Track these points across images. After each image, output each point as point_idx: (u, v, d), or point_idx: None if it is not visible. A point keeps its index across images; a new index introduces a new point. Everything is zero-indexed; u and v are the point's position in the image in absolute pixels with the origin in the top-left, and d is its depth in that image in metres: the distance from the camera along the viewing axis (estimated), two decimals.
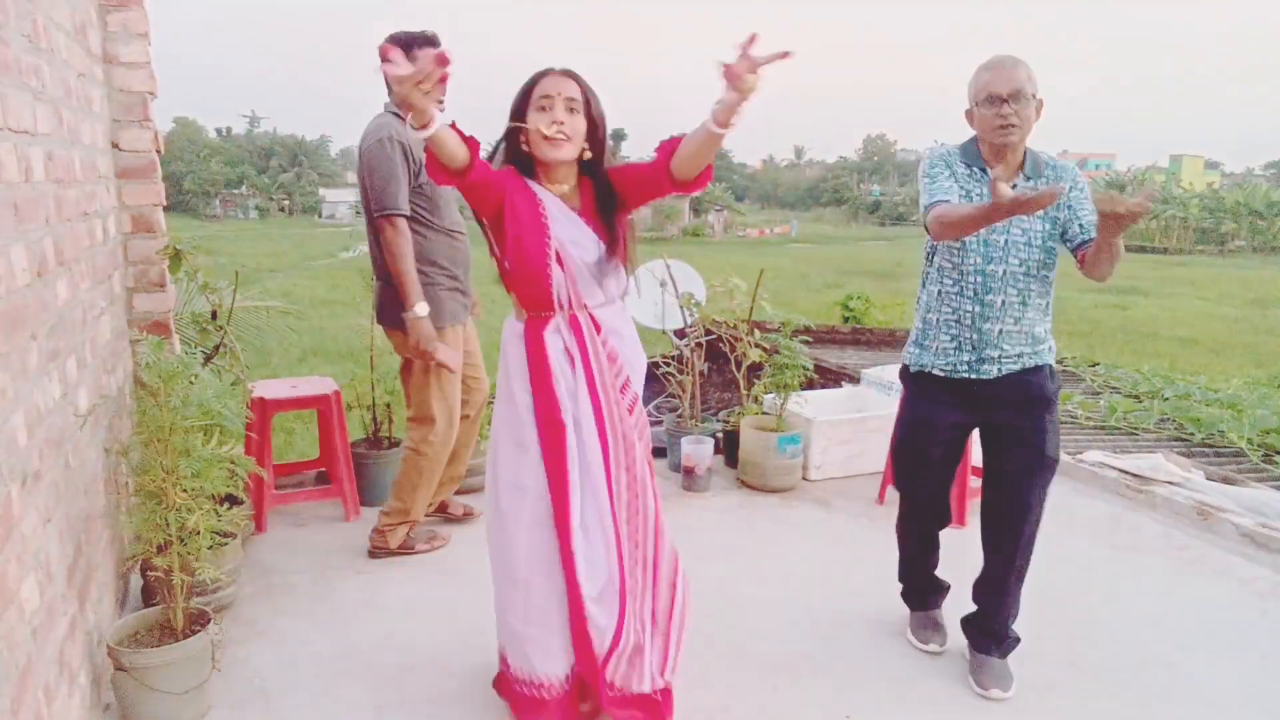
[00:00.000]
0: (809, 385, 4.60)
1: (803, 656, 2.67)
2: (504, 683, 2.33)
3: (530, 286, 2.17)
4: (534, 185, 2.16)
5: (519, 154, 2.17)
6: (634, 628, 2.20)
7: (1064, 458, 4.47)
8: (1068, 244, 2.45)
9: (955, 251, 2.44)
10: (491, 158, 2.21)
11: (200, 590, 2.52)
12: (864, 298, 11.29)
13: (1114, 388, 7.05)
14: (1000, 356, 2.44)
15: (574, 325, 2.19)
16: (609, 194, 2.22)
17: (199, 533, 2.32)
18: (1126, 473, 4.22)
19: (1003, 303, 2.41)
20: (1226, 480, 4.32)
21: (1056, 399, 2.51)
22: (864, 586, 3.15)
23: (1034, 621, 2.90)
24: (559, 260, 2.14)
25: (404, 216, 2.96)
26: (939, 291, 2.50)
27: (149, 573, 2.55)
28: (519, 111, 2.13)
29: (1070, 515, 3.89)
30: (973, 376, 2.46)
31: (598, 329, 2.22)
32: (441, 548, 3.34)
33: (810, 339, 4.66)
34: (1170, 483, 4.09)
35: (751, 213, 63.39)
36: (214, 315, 3.64)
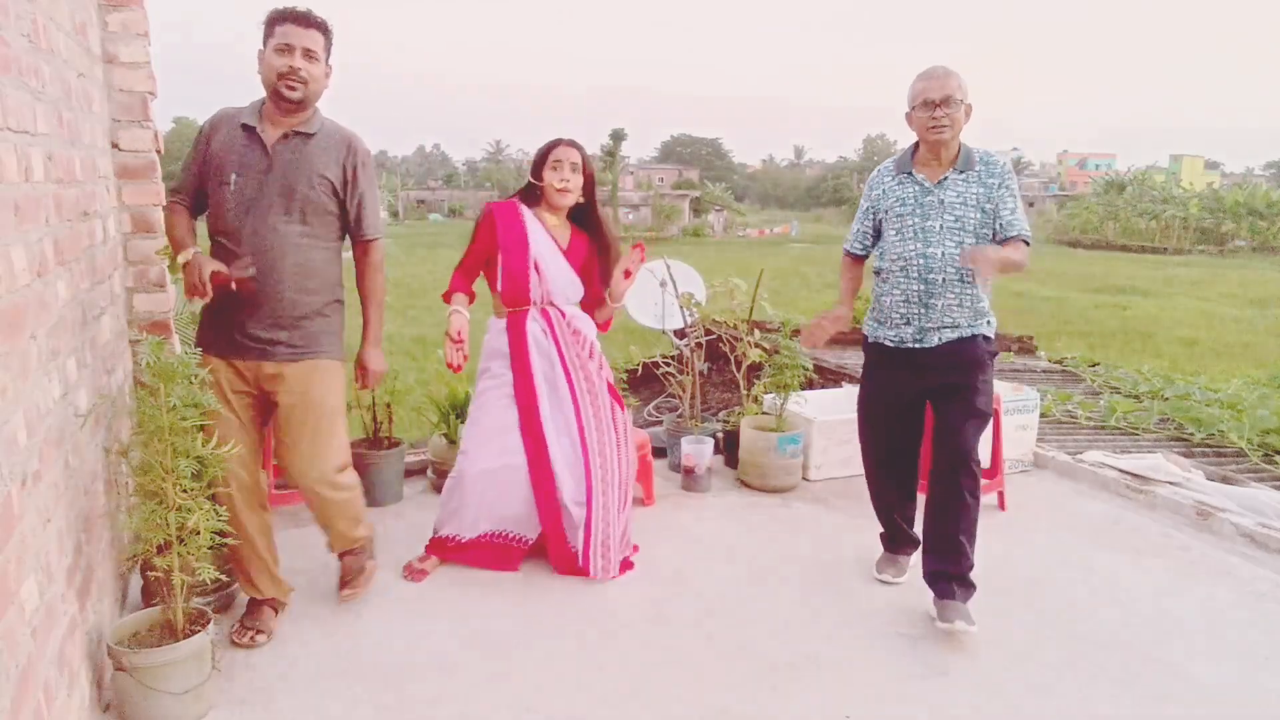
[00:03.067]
0: (809, 385, 4.60)
1: (803, 656, 2.67)
2: (451, 552, 3.20)
3: (513, 287, 3.14)
4: (526, 215, 3.17)
5: (533, 196, 3.20)
6: (600, 528, 3.11)
7: (1064, 458, 4.48)
8: (993, 237, 2.83)
9: (896, 241, 2.90)
10: (516, 193, 3.28)
11: (200, 590, 2.52)
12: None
13: (1114, 388, 7.05)
14: (940, 327, 2.85)
15: (545, 316, 3.18)
16: (592, 235, 3.28)
17: (199, 533, 2.31)
18: (1126, 473, 4.22)
19: (943, 280, 2.81)
20: (1226, 480, 4.32)
21: (990, 362, 2.91)
22: (864, 586, 3.15)
23: (1034, 621, 2.91)
24: (536, 269, 3.13)
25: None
26: (892, 278, 2.92)
27: (149, 573, 2.54)
28: (537, 168, 3.16)
29: (1070, 515, 3.89)
30: (917, 346, 2.90)
31: (563, 316, 3.21)
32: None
33: None
34: (1170, 483, 4.09)
35: (751, 213, 63.33)
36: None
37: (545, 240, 3.16)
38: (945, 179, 2.82)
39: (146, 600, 2.66)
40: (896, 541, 3.25)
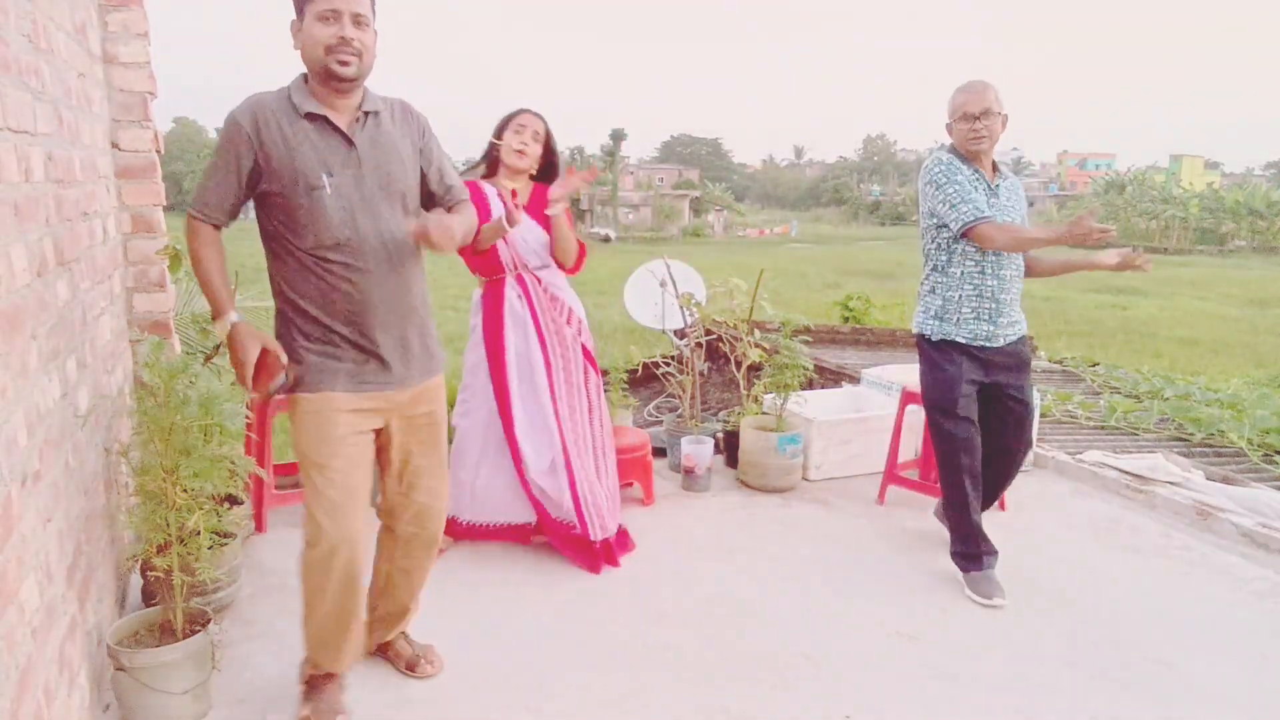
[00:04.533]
0: (809, 385, 4.60)
1: (803, 656, 2.67)
2: (463, 535, 3.33)
3: (484, 258, 3.18)
4: (485, 187, 3.19)
5: (492, 160, 3.25)
6: (585, 490, 3.22)
7: (1064, 458, 4.48)
8: None
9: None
10: (474, 167, 3.33)
11: (200, 590, 2.52)
12: (864, 298, 11.26)
13: (1114, 388, 7.04)
14: (1007, 323, 3.03)
15: (520, 282, 3.25)
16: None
17: (199, 533, 2.32)
18: (1126, 473, 4.22)
19: (1010, 275, 2.99)
20: (1226, 480, 4.32)
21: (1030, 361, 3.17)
22: (864, 586, 3.15)
23: (1034, 621, 2.91)
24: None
25: None
26: (961, 272, 3.01)
27: (149, 573, 2.54)
28: (499, 130, 3.20)
29: (1070, 515, 3.89)
30: (987, 345, 3.03)
31: (539, 281, 3.27)
32: None
33: (810, 339, 4.67)
34: (1170, 483, 4.09)
35: (751, 213, 63.32)
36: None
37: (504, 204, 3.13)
38: (998, 183, 3.03)
39: (146, 600, 2.66)
40: (983, 550, 3.11)
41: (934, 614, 2.94)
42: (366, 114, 2.13)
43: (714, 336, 4.73)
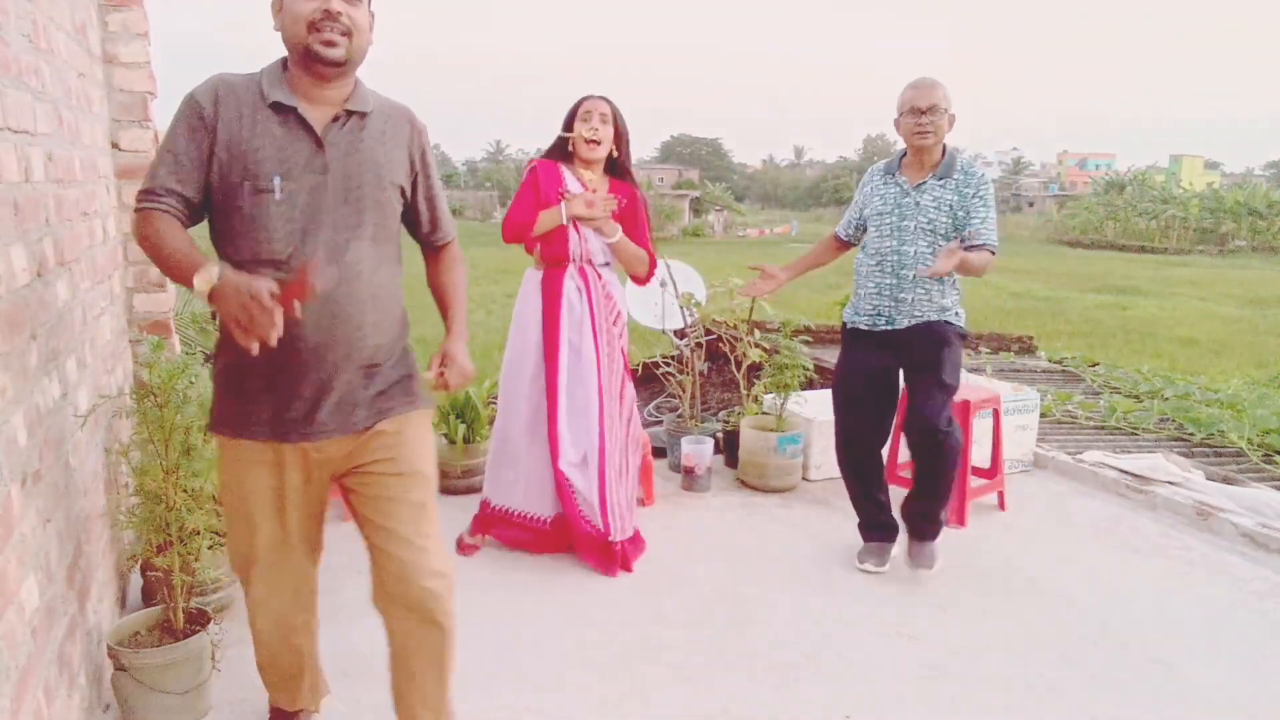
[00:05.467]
0: (809, 385, 4.59)
1: (803, 656, 2.67)
2: (493, 523, 3.34)
3: (552, 244, 3.16)
4: (565, 171, 3.18)
5: (564, 153, 3.19)
6: (612, 489, 3.19)
7: (1064, 458, 4.48)
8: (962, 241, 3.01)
9: (875, 237, 3.12)
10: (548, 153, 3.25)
11: (200, 590, 2.52)
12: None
13: (1114, 388, 7.04)
14: (909, 316, 3.07)
15: (582, 274, 3.22)
16: (627, 189, 3.22)
17: (199, 533, 2.31)
18: (1126, 473, 4.22)
19: (913, 276, 3.03)
20: (1226, 480, 4.32)
21: (956, 341, 3.10)
22: (864, 586, 3.15)
23: (1034, 621, 2.91)
24: (575, 226, 3.14)
25: None
26: (868, 270, 3.14)
27: (149, 573, 2.55)
28: (568, 122, 3.17)
29: (1070, 515, 3.89)
30: (889, 328, 3.11)
31: (600, 278, 3.24)
32: None
33: (810, 339, 4.67)
34: (1170, 483, 4.09)
35: (751, 213, 63.25)
36: (214, 315, 3.63)
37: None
38: (924, 184, 3.03)
39: (146, 600, 2.66)
40: (876, 527, 3.31)
41: (934, 614, 2.94)
42: (350, 113, 1.78)
43: (714, 336, 4.73)
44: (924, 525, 3.18)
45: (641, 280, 3.38)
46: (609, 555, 3.19)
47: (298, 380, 1.78)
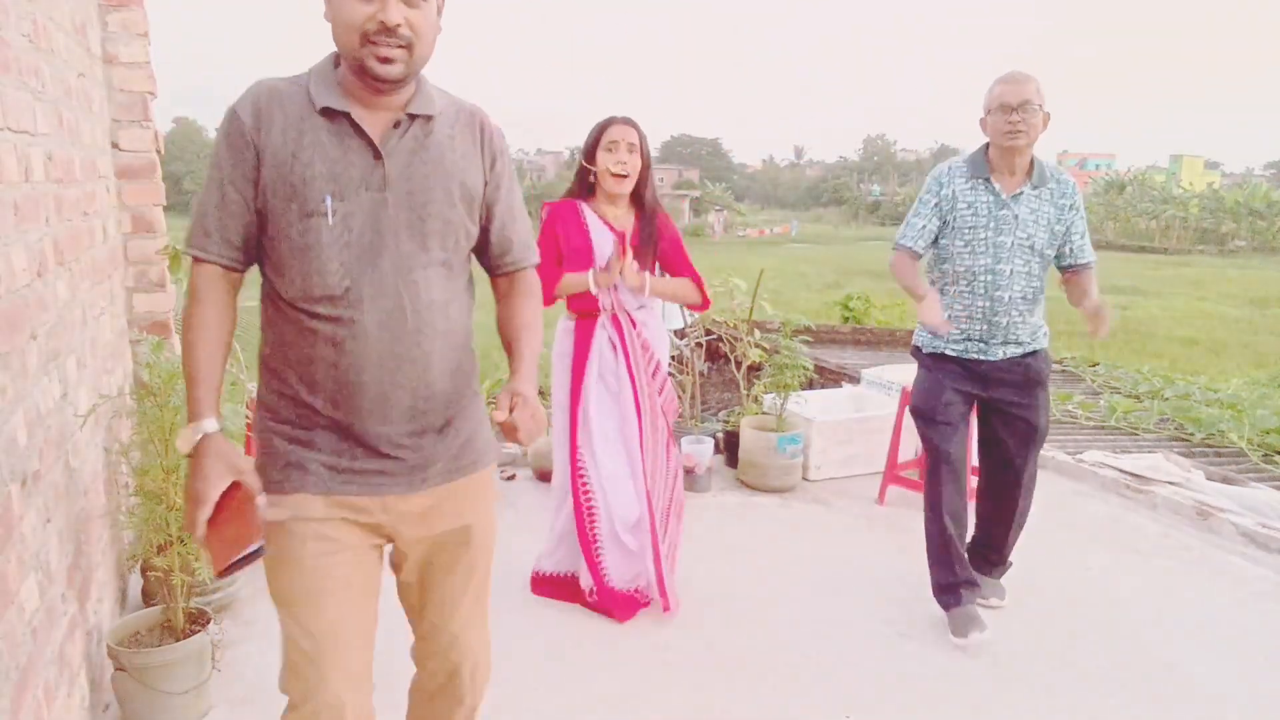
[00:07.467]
0: (809, 385, 4.60)
1: (803, 656, 2.67)
2: (606, 599, 2.88)
3: (580, 298, 2.83)
4: (587, 215, 2.83)
5: (585, 184, 2.85)
6: (666, 559, 2.87)
7: (1064, 458, 4.48)
8: (1057, 260, 2.79)
9: (966, 255, 2.73)
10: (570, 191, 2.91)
11: (200, 590, 2.52)
12: (864, 298, 11.25)
13: (1114, 388, 7.05)
14: (1005, 343, 2.75)
15: (615, 323, 2.86)
16: (652, 225, 2.87)
17: None
18: (1126, 473, 4.22)
19: (1009, 298, 2.70)
20: (1226, 480, 4.32)
21: (1048, 380, 2.84)
22: (864, 586, 3.15)
23: (1034, 621, 2.91)
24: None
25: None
26: (954, 291, 2.78)
27: (149, 573, 2.55)
28: (590, 151, 2.80)
29: (1070, 515, 3.89)
30: (981, 358, 2.78)
31: (634, 325, 2.88)
32: None
33: (810, 339, 4.67)
34: (1170, 483, 4.09)
35: (751, 213, 63.25)
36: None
37: (609, 241, 2.82)
38: (1020, 193, 2.69)
39: (146, 600, 2.66)
40: (967, 584, 2.83)
41: (934, 614, 2.93)
42: (413, 117, 1.51)
43: (714, 336, 4.73)
44: (996, 557, 3.00)
45: (700, 307, 3.07)
46: (636, 607, 2.92)
47: (364, 426, 1.53)
